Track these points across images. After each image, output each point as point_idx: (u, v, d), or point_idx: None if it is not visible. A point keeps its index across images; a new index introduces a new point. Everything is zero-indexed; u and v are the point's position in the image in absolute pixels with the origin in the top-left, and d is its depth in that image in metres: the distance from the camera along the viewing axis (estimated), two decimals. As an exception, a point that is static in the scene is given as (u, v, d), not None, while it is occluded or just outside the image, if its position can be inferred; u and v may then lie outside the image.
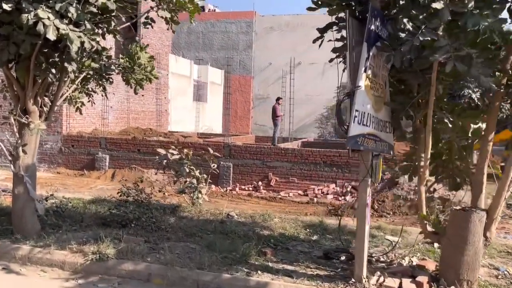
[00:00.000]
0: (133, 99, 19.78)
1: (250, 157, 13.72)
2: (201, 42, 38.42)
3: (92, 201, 6.91)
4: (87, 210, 5.93)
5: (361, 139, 3.53)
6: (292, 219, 6.17)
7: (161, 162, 6.70)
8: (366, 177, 3.92)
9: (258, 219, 6.11)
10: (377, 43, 3.33)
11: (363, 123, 3.40)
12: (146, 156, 14.80)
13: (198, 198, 6.51)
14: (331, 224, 5.92)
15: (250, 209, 10.72)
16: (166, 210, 6.10)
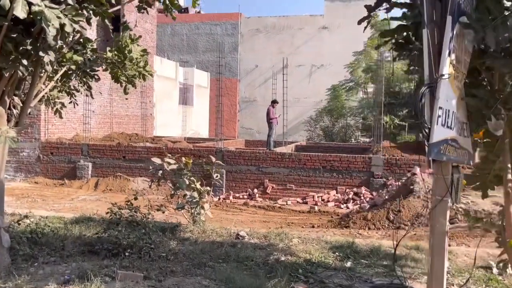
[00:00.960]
0: (116, 102, 18.72)
1: (245, 163, 12.86)
2: (185, 45, 37.41)
3: (75, 220, 5.93)
4: (70, 233, 4.96)
5: (444, 146, 2.69)
6: (313, 239, 5.33)
7: (156, 173, 5.79)
8: (445, 197, 3.03)
9: (274, 240, 5.25)
10: (460, 19, 2.52)
11: (447, 124, 2.56)
12: (132, 164, 13.79)
13: (199, 214, 5.61)
14: (360, 245, 5.07)
15: (247, 220, 9.86)
16: (165, 231, 5.19)
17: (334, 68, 32.87)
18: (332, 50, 33.74)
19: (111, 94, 18.26)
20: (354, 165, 12.16)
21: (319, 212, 10.60)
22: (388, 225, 7.49)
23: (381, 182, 11.90)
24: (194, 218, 5.56)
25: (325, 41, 34.41)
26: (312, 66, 34.49)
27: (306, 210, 10.85)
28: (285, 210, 10.87)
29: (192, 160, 13.31)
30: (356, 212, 9.98)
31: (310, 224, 9.15)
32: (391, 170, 11.93)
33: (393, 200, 8.56)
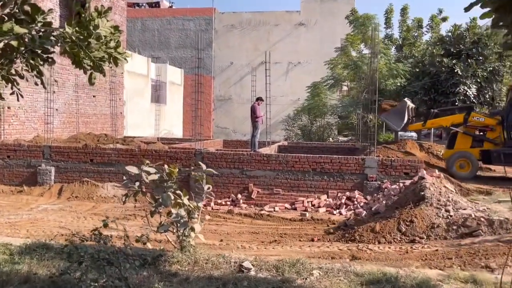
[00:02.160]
0: (82, 100, 17.21)
1: (227, 166, 11.73)
2: (156, 40, 35.85)
3: (26, 249, 4.62)
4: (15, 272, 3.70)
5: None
6: (338, 270, 4.25)
7: (131, 185, 4.60)
8: None
9: (289, 273, 4.17)
10: None
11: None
12: (100, 167, 12.42)
13: (188, 237, 4.46)
14: (401, 278, 3.99)
15: (234, 231, 8.73)
16: (144, 263, 4.03)
17: (312, 65, 32.19)
18: (309, 47, 33.04)
19: (77, 90, 16.74)
20: (346, 167, 11.24)
21: (312, 220, 9.59)
22: (401, 238, 6.55)
23: (376, 185, 11.03)
24: (182, 243, 4.41)
25: (301, 38, 33.67)
26: (289, 64, 33.67)
27: (298, 217, 9.83)
28: (274, 218, 9.81)
29: (168, 162, 12.10)
30: (354, 219, 9.04)
31: (306, 236, 8.12)
32: (386, 172, 11.08)
33: (400, 207, 7.64)
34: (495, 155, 13.07)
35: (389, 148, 12.91)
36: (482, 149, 13.38)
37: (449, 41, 16.98)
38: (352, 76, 20.96)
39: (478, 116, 13.50)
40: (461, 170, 13.00)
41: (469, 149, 13.37)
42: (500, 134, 13.29)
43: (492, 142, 13.29)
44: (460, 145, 13.54)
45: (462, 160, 13.18)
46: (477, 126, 13.49)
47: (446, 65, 16.25)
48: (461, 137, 13.63)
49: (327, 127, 26.02)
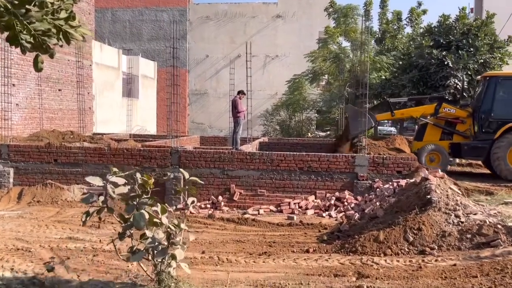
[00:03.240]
0: (47, 94, 15.85)
1: (206, 165, 10.78)
2: (128, 32, 34.24)
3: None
4: None
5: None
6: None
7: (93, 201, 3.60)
8: None
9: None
10: None
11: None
12: (66, 168, 11.24)
13: (168, 266, 3.49)
14: None
15: (216, 239, 7.80)
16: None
17: (290, 59, 31.39)
18: (287, 40, 32.20)
19: (40, 84, 15.38)
20: (335, 165, 10.48)
21: (301, 225, 8.78)
22: (409, 249, 5.79)
23: (367, 184, 10.32)
24: (160, 276, 3.44)
25: (279, 30, 32.79)
26: (266, 57, 32.75)
27: (286, 222, 9.00)
28: (260, 223, 8.94)
29: (142, 161, 11.04)
30: (348, 224, 8.27)
31: (297, 244, 7.29)
32: (377, 171, 10.38)
33: (401, 211, 6.89)
34: (465, 149, 12.66)
35: (377, 145, 12.23)
36: (452, 142, 12.96)
37: (438, 31, 16.42)
38: (334, 69, 20.25)
39: (449, 107, 13.03)
40: (431, 163, 12.50)
41: (438, 141, 12.94)
42: (470, 127, 12.90)
43: (462, 135, 12.89)
44: (429, 137, 13.11)
45: (433, 153, 12.70)
46: (448, 117, 13.05)
47: (436, 57, 15.66)
48: (431, 128, 13.19)
49: (307, 122, 25.33)
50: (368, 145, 11.84)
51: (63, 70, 16.74)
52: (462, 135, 12.81)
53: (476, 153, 12.69)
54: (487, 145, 12.24)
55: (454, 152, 12.94)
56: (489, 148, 12.16)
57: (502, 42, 16.63)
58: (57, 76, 16.40)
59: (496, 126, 12.35)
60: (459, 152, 12.76)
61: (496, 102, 12.32)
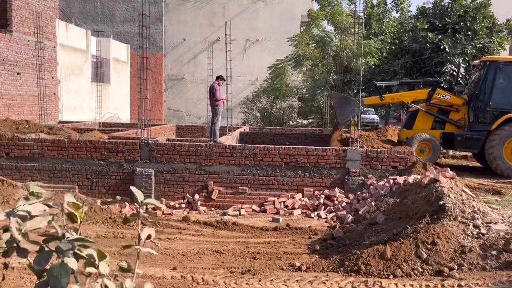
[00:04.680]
0: (3, 78, 14.25)
1: (181, 160, 9.60)
2: (99, 13, 32.19)
3: None
4: None
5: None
6: None
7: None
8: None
9: None
10: None
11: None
12: (20, 163, 9.88)
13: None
14: None
15: (191, 249, 6.67)
16: None
17: (271, 43, 30.12)
18: (268, 24, 30.85)
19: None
20: (324, 160, 9.46)
21: (288, 229, 7.74)
22: (423, 269, 4.79)
23: (359, 181, 9.35)
24: None
25: (260, 13, 31.40)
26: (247, 41, 31.37)
27: (271, 226, 7.93)
28: (241, 227, 7.84)
29: (108, 155, 9.75)
30: (341, 229, 7.27)
31: (286, 256, 6.24)
32: (370, 166, 9.41)
33: (407, 218, 5.90)
34: (458, 139, 11.76)
35: (368, 136, 11.23)
36: (444, 132, 12.08)
37: (433, 13, 15.35)
38: (318, 54, 19.15)
39: (444, 93, 12.09)
40: (421, 154, 11.59)
41: (429, 130, 12.02)
42: (464, 116, 12.03)
43: (455, 124, 12.00)
44: (419, 125, 12.15)
45: (424, 143, 11.78)
46: (441, 105, 12.12)
47: (431, 41, 14.62)
48: (422, 116, 12.23)
49: (289, 110, 24.26)
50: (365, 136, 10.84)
51: (22, 52, 15.11)
52: (455, 125, 11.94)
53: (470, 145, 11.83)
54: (482, 137, 11.39)
55: (445, 143, 12.07)
56: (484, 140, 11.33)
57: (501, 25, 15.71)
58: (15, 58, 14.77)
59: (493, 116, 11.52)
60: (451, 143, 11.89)
61: (495, 90, 11.43)
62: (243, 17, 31.38)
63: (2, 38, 14.06)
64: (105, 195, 9.74)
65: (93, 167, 9.69)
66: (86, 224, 7.99)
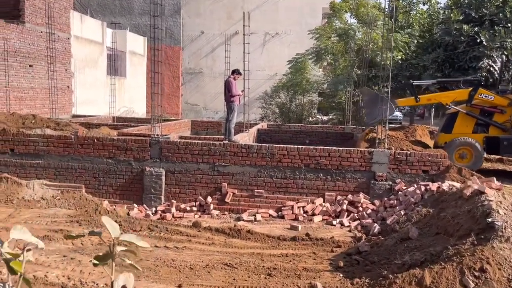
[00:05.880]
0: (15, 70, 13.86)
1: (193, 160, 8.96)
2: (118, 5, 31.79)
3: None
4: None
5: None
6: None
7: None
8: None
9: None
10: None
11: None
12: (24, 159, 9.40)
13: None
14: None
15: (199, 262, 6.01)
16: None
17: (291, 37, 29.25)
18: (288, 17, 29.98)
19: (6, 58, 13.37)
20: (348, 162, 8.68)
21: (308, 239, 7.01)
22: (471, 303, 4.02)
23: (386, 186, 8.55)
24: None
25: (280, 6, 30.54)
26: (266, 35, 30.56)
27: (289, 235, 7.21)
28: (257, 236, 7.15)
29: (116, 153, 9.18)
30: (368, 241, 6.52)
31: (305, 272, 5.54)
32: (399, 170, 8.59)
33: (447, 235, 5.11)
34: (505, 144, 10.68)
35: (395, 137, 10.36)
36: (487, 136, 11.00)
37: (469, 4, 14.18)
38: (341, 48, 18.23)
39: (487, 93, 11.00)
40: (461, 161, 10.57)
41: (470, 134, 10.95)
42: (510, 118, 10.94)
43: (500, 127, 10.91)
44: (459, 128, 11.03)
45: (464, 148, 10.72)
46: (484, 106, 11.02)
47: (466, 34, 13.49)
48: (462, 118, 11.11)
49: (309, 106, 23.40)
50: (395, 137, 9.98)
51: (35, 43, 14.70)
52: (500, 128, 10.83)
53: None
54: None
55: (489, 148, 10.99)
56: None
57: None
58: (28, 50, 14.37)
59: None
60: (496, 147, 10.80)
61: None
62: (263, 10, 30.57)
63: (14, 29, 13.65)
64: (113, 195, 9.20)
65: (100, 165, 9.15)
66: (89, 228, 7.43)
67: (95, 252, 6.37)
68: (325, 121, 22.79)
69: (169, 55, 30.81)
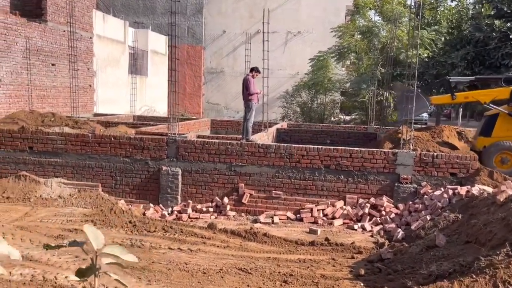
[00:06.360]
0: (37, 69, 13.97)
1: (210, 159, 8.75)
2: (141, 5, 32.05)
3: None
4: None
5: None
6: None
7: None
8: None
9: None
10: None
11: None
12: (43, 158, 9.39)
13: None
14: None
15: (213, 266, 5.76)
16: None
17: (313, 35, 28.83)
18: (311, 15, 29.57)
19: (29, 57, 13.49)
20: (370, 163, 8.31)
21: (327, 244, 6.70)
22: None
23: (411, 189, 8.14)
24: None
25: (302, 4, 30.15)
26: (288, 33, 30.22)
27: (307, 239, 6.92)
28: (273, 239, 6.88)
29: (133, 152, 9.06)
30: (391, 248, 6.16)
31: (324, 280, 5.24)
32: (425, 172, 8.17)
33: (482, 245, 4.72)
34: None
35: (421, 137, 9.86)
36: None
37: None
38: (364, 46, 17.73)
39: None
40: (502, 166, 9.78)
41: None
42: None
43: None
44: (500, 131, 10.16)
45: (506, 153, 9.94)
46: None
47: (498, 30, 12.83)
48: (503, 120, 10.26)
49: (331, 105, 22.94)
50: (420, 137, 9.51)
51: (57, 42, 14.80)
52: None
53: None
54: None
55: None
56: None
57: None
58: (50, 48, 14.48)
59: None
60: None
61: None
62: (285, 8, 30.25)
63: (36, 28, 13.76)
64: (129, 194, 9.09)
65: (117, 164, 9.05)
66: (104, 228, 7.32)
67: (107, 253, 6.23)
68: (348, 121, 22.31)
69: (191, 55, 30.86)
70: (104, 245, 1.72)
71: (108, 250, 1.68)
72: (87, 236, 1.68)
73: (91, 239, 1.67)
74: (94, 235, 1.70)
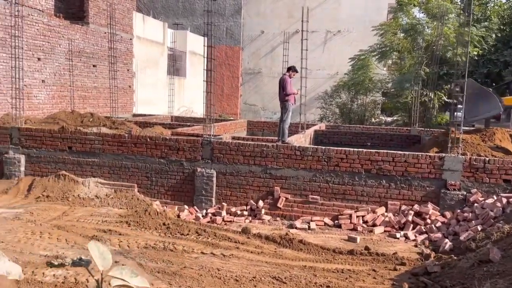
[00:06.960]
0: (79, 70, 14.30)
1: (245, 161, 8.53)
2: (180, 7, 32.47)
3: None
4: None
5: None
6: None
7: None
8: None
9: None
10: None
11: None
12: (81, 158, 9.51)
13: None
14: None
15: (246, 273, 5.51)
16: None
17: (353, 35, 28.11)
18: (351, 14, 28.85)
19: (71, 58, 13.83)
20: (415, 168, 7.81)
21: (367, 254, 6.30)
22: None
23: (459, 196, 7.58)
24: None
25: (342, 3, 29.49)
26: (328, 33, 29.63)
27: (346, 248, 6.54)
28: (309, 247, 6.56)
29: (168, 153, 8.99)
30: (437, 260, 5.70)
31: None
32: (475, 179, 7.58)
33: None
34: None
35: (470, 141, 9.23)
36: None
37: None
38: (408, 44, 17.00)
39: None
40: None
41: None
42: None
43: None
44: None
45: None
46: None
47: (558, 24, 11.95)
48: None
49: (371, 106, 22.21)
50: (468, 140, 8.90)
51: (99, 44, 15.11)
52: None
53: None
54: None
55: None
56: None
57: None
58: (91, 50, 14.80)
59: None
60: None
61: None
62: (325, 7, 29.71)
63: (78, 30, 14.09)
64: (165, 195, 9.03)
65: (153, 165, 9.01)
66: (138, 230, 7.26)
67: (140, 256, 6.13)
68: (389, 123, 21.53)
69: (229, 55, 30.91)
70: (114, 263, 1.50)
71: (116, 272, 1.45)
72: (92, 256, 1.46)
73: (96, 259, 1.45)
74: (100, 254, 1.47)
